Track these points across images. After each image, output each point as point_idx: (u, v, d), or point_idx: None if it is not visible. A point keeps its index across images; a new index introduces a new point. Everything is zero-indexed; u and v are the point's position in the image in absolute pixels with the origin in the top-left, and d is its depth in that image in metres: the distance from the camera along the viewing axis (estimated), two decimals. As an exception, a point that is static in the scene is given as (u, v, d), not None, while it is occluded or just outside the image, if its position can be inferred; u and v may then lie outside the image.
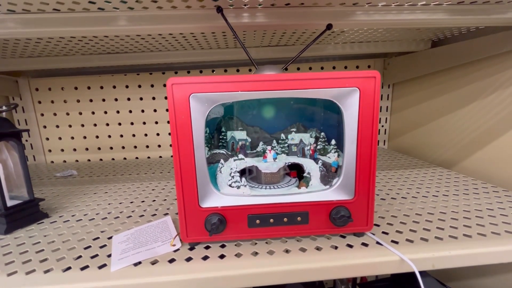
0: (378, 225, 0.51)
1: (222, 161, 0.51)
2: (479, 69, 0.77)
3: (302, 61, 1.11)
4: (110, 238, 0.51)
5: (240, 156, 0.52)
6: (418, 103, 1.02)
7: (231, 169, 0.47)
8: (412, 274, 0.41)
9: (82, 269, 0.42)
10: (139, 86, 1.12)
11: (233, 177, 0.46)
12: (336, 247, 0.45)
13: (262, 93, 0.41)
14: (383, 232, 0.49)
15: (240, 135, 0.57)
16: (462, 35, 0.81)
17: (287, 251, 0.45)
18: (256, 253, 0.44)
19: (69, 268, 0.42)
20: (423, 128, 1.00)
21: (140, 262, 0.43)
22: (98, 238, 0.51)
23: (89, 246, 0.48)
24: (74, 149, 1.15)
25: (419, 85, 1.01)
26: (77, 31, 0.52)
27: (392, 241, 0.46)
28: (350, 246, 0.45)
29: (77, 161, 1.16)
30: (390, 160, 0.99)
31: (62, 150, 1.15)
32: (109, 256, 0.45)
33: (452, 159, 0.87)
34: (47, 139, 1.14)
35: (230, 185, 0.46)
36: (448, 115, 0.89)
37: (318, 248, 0.45)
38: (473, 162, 0.81)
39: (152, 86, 1.12)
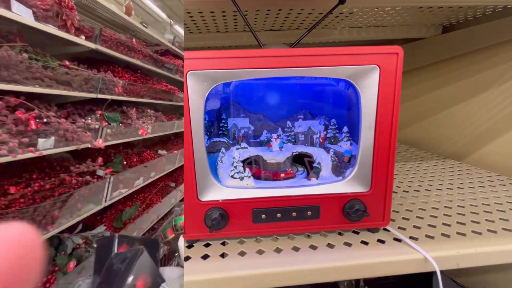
0: (393, 220, 0.47)
1: (223, 150, 0.46)
2: (494, 55, 0.73)
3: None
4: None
5: (243, 144, 0.47)
6: (426, 93, 0.98)
7: (234, 158, 0.42)
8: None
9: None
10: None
11: (235, 167, 0.42)
12: (350, 244, 0.41)
13: (270, 71, 0.36)
14: (400, 228, 0.45)
15: (242, 122, 0.52)
16: (476, 19, 0.76)
17: (296, 248, 0.40)
18: (261, 251, 0.40)
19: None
20: (431, 119, 0.96)
21: (132, 262, 0.38)
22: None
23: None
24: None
25: (427, 74, 0.97)
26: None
27: (411, 237, 0.42)
28: (365, 243, 0.41)
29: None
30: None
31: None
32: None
33: (462, 151, 0.83)
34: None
35: (232, 176, 0.42)
36: (458, 105, 0.84)
37: (330, 245, 0.41)
38: (485, 154, 0.76)
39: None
